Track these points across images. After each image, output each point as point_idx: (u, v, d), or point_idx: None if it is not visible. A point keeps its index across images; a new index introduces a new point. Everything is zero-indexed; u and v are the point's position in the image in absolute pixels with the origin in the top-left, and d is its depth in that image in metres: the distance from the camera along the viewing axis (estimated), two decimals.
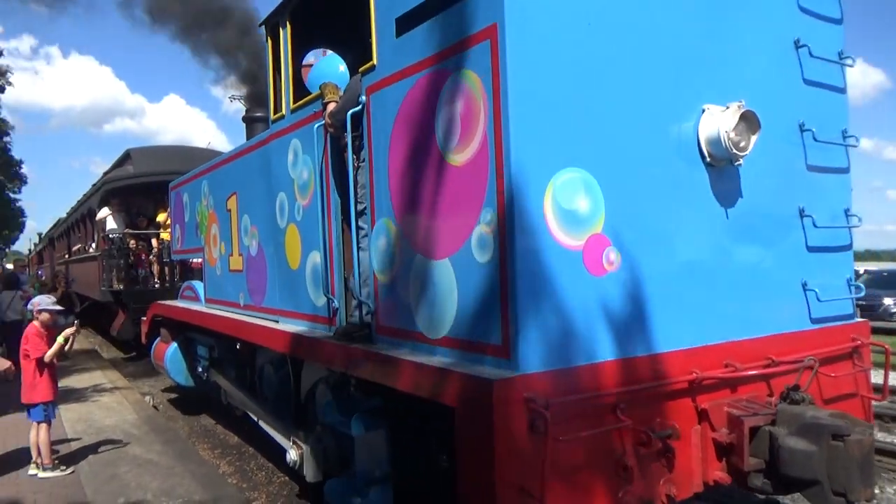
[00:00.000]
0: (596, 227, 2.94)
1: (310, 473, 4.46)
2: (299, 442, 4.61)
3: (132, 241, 13.17)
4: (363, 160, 3.80)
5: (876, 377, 11.92)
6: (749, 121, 3.29)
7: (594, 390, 2.81)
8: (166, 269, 12.90)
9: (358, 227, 3.85)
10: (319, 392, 4.56)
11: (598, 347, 2.92)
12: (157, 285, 12.94)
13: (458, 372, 2.83)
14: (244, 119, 7.76)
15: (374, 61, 3.67)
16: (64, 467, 5.58)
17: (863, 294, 4.09)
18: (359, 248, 3.85)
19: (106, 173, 15.81)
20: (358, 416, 3.72)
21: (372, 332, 3.75)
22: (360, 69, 3.82)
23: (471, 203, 2.93)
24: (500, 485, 2.59)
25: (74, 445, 6.36)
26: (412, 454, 3.63)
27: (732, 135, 3.24)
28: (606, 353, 2.94)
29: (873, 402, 4.19)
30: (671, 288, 3.21)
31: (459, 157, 2.99)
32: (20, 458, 5.82)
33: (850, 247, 4.11)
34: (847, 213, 4.07)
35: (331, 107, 3.94)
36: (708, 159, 3.32)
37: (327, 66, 4.56)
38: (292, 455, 4.61)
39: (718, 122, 3.24)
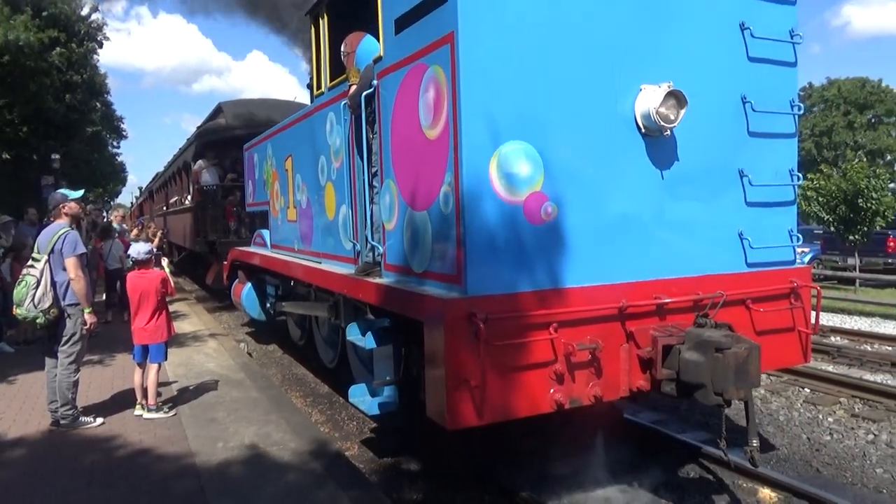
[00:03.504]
0: (536, 186, 3.78)
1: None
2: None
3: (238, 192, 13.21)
4: (375, 132, 4.75)
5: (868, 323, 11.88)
6: (677, 97, 3.99)
7: (528, 311, 3.70)
8: (257, 220, 13.73)
9: (371, 186, 4.84)
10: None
11: (535, 279, 3.79)
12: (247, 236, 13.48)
13: (423, 294, 3.82)
14: (308, 86, 8.83)
15: (382, 53, 4.58)
16: (167, 409, 5.79)
17: (800, 243, 4.71)
18: (372, 202, 4.84)
19: (199, 127, 16.40)
20: (370, 334, 4.77)
21: (381, 269, 4.77)
22: (374, 58, 4.74)
23: (440, 167, 3.83)
24: (449, 377, 3.55)
25: (176, 388, 6.62)
26: (408, 362, 4.66)
27: (662, 110, 3.97)
28: (543, 284, 3.81)
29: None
30: (606, 234, 4.02)
31: (433, 132, 3.89)
32: (127, 399, 6.07)
33: (793, 202, 4.73)
34: (791, 172, 4.68)
35: (352, 89, 4.89)
36: (643, 130, 4.06)
37: (372, 45, 5.31)
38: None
39: (649, 99, 3.97)
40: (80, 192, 5.84)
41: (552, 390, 3.81)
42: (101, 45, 24.76)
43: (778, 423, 6.37)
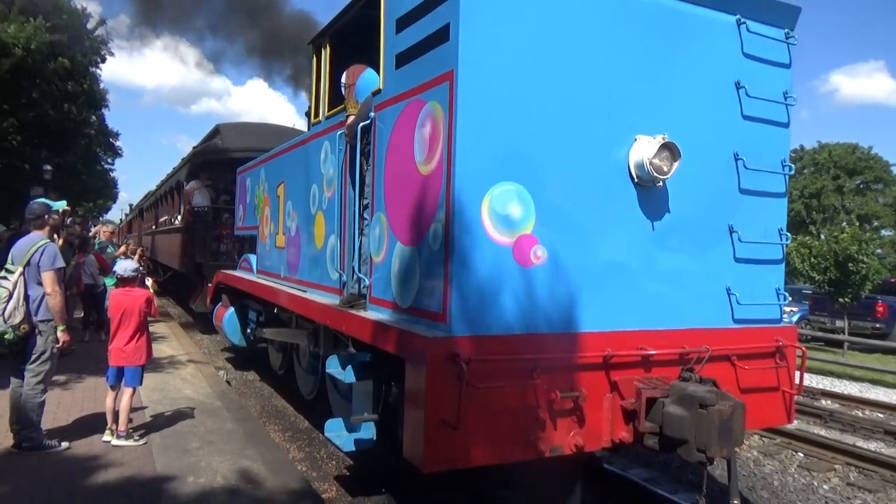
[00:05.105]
0: (526, 228, 3.76)
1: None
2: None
3: (227, 216, 13.04)
4: (370, 164, 4.74)
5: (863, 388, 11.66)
6: (671, 150, 4.01)
7: (512, 354, 3.64)
8: (245, 244, 13.47)
9: (362, 218, 4.81)
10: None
11: (521, 322, 3.74)
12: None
13: (407, 331, 3.75)
14: (306, 114, 8.89)
15: (381, 86, 4.60)
16: (137, 437, 5.54)
17: (786, 303, 4.70)
18: (361, 234, 4.80)
19: (195, 148, 16.41)
20: (350, 367, 4.68)
21: (366, 302, 4.70)
22: (372, 91, 4.76)
23: (432, 203, 3.81)
24: (428, 417, 3.47)
25: (148, 415, 6.39)
26: (388, 398, 4.56)
27: (656, 161, 3.98)
28: (529, 328, 3.76)
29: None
30: (594, 281, 3.98)
31: (426, 168, 3.88)
32: (96, 423, 5.83)
33: (781, 261, 4.73)
34: (780, 231, 4.70)
35: (349, 120, 4.90)
36: (636, 180, 4.07)
37: (372, 78, 5.33)
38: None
39: (643, 150, 3.99)
40: (62, 203, 5.67)
41: (532, 437, 3.73)
42: (103, 60, 24.87)
43: (772, 489, 6.20)
